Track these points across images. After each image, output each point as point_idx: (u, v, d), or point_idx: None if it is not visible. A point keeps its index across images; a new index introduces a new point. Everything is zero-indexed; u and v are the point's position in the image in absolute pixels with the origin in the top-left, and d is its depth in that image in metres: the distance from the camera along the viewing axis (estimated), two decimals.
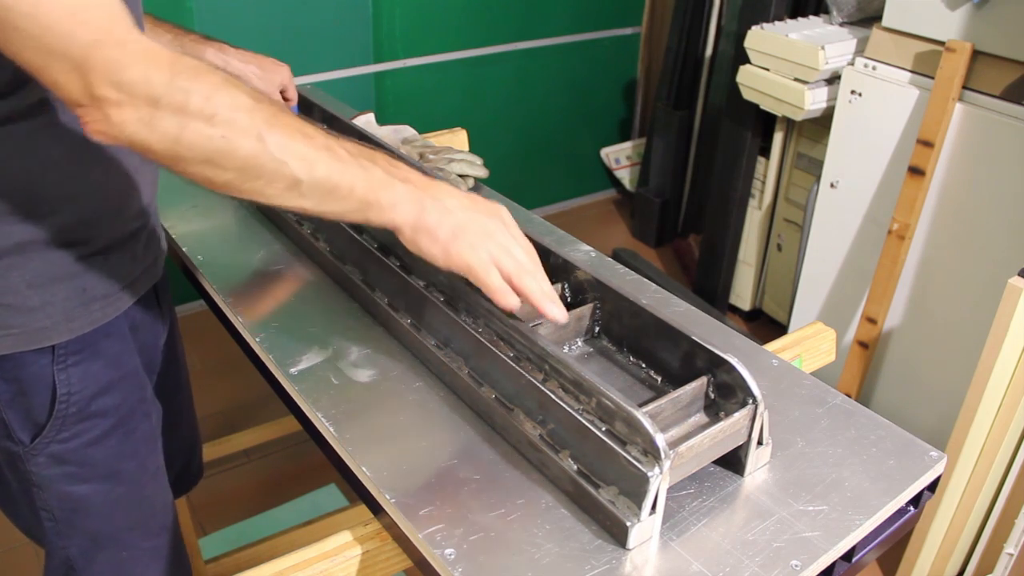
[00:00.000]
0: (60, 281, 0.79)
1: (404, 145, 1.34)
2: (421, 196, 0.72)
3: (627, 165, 3.18)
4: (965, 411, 1.35)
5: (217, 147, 0.62)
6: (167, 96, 0.60)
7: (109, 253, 0.83)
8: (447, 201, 0.73)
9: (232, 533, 1.72)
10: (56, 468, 0.85)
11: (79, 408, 0.83)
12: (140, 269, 0.88)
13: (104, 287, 0.83)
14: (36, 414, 0.82)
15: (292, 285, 1.03)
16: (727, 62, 2.34)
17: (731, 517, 0.71)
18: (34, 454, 0.83)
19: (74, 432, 0.84)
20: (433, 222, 0.71)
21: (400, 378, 0.86)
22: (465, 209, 0.73)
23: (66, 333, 0.80)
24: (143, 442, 0.92)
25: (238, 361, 1.04)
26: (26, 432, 0.82)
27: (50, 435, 0.83)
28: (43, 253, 0.77)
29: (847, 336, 1.93)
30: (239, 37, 2.05)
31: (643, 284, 1.06)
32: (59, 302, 0.79)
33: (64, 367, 0.81)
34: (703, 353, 0.76)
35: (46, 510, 0.87)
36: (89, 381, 0.84)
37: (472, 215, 0.73)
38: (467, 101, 2.73)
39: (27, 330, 0.78)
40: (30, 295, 0.77)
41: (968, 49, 1.54)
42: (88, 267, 0.81)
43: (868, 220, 1.86)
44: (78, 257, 0.79)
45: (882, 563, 1.68)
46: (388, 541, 0.75)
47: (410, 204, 0.71)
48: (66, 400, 0.82)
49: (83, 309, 0.81)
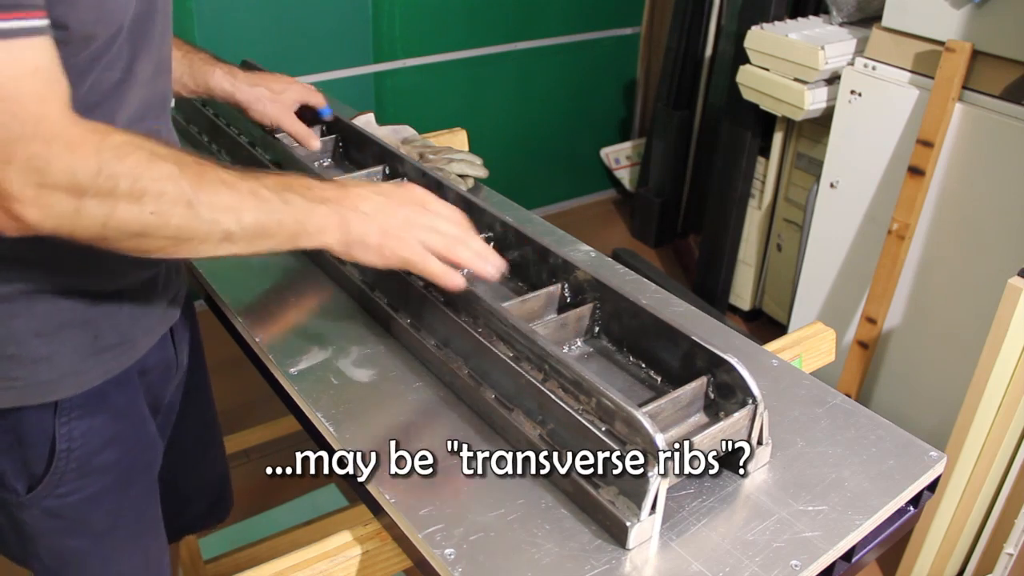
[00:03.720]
0: (69, 328, 0.74)
1: (404, 145, 1.34)
2: (341, 211, 0.73)
3: (627, 165, 3.18)
4: (965, 411, 1.35)
5: (147, 222, 0.62)
6: (94, 186, 0.59)
7: (123, 299, 0.78)
8: (364, 207, 0.74)
9: (232, 533, 1.71)
10: (50, 521, 0.80)
11: (79, 464, 0.78)
12: (156, 313, 0.83)
13: (116, 335, 0.78)
14: (33, 466, 0.77)
15: (292, 285, 1.03)
16: (727, 62, 2.34)
17: (731, 517, 0.71)
18: (28, 506, 0.78)
19: (72, 488, 0.79)
20: (359, 233, 0.73)
21: (400, 378, 0.86)
22: (382, 209, 0.74)
23: (73, 387, 0.75)
24: (143, 495, 0.88)
25: (238, 361, 1.04)
26: (21, 482, 0.77)
27: (47, 489, 0.78)
28: (51, 300, 0.72)
29: (847, 336, 1.93)
30: (239, 37, 2.05)
31: (643, 284, 1.06)
32: (67, 352, 0.74)
33: (67, 420, 0.76)
34: (703, 353, 0.76)
35: (37, 560, 0.83)
36: (92, 436, 0.79)
37: (390, 211, 0.75)
38: (467, 101, 2.73)
39: (31, 383, 0.73)
40: (37, 345, 0.72)
41: (968, 49, 1.54)
42: (100, 314, 0.76)
43: (868, 220, 1.86)
44: (89, 303, 0.74)
45: (882, 563, 1.67)
46: (388, 541, 0.75)
47: (334, 224, 0.72)
48: (66, 456, 0.77)
49: (94, 360, 0.76)
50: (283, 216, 0.69)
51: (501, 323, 0.79)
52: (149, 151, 0.62)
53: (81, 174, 0.58)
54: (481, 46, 2.66)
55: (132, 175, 0.60)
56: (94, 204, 0.59)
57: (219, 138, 1.28)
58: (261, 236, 0.68)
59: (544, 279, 0.93)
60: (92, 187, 0.59)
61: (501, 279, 0.98)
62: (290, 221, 0.70)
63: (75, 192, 0.58)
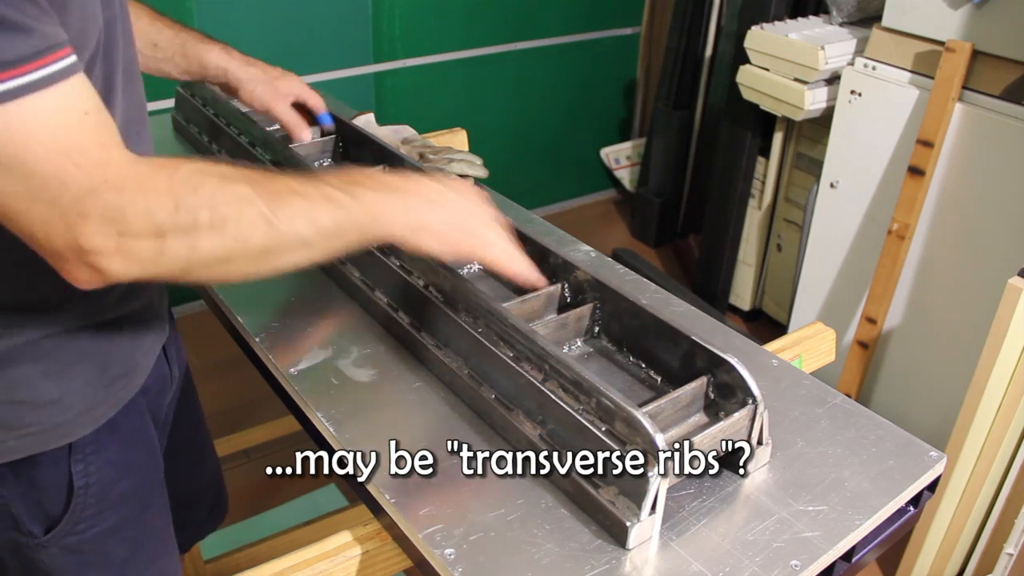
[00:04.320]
0: (77, 365, 0.73)
1: (404, 145, 1.34)
2: (408, 199, 0.72)
3: (627, 165, 3.18)
4: (965, 411, 1.35)
5: (231, 248, 0.61)
6: (174, 224, 0.57)
7: (123, 326, 0.77)
8: (430, 195, 0.74)
9: (232, 533, 1.71)
10: (69, 558, 0.78)
11: (98, 499, 0.77)
12: (153, 332, 0.83)
13: (122, 363, 0.77)
14: (50, 508, 0.75)
15: (292, 285, 1.03)
16: (727, 62, 2.34)
17: (731, 517, 0.71)
18: (46, 546, 0.76)
19: (92, 523, 0.78)
20: (428, 221, 0.72)
21: (400, 378, 0.86)
22: (448, 198, 0.74)
23: (89, 424, 0.74)
24: (158, 515, 0.87)
25: (238, 361, 1.04)
26: (37, 525, 0.76)
27: (66, 527, 0.76)
28: (56, 339, 0.71)
29: (847, 336, 1.93)
30: (239, 37, 2.06)
31: (643, 284, 1.06)
32: (78, 389, 0.73)
33: (82, 457, 0.75)
34: (703, 353, 0.76)
35: None
36: (107, 468, 0.78)
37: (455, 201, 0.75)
38: (467, 101, 2.73)
39: (46, 427, 0.71)
40: (46, 387, 0.70)
41: (968, 49, 1.54)
42: (105, 344, 0.75)
43: (868, 220, 1.86)
44: (93, 336, 0.73)
45: (882, 563, 1.67)
46: (388, 541, 0.75)
47: (401, 212, 0.71)
48: (84, 492, 0.76)
49: (104, 392, 0.75)
50: (355, 213, 0.68)
51: (501, 323, 0.79)
52: (219, 175, 0.60)
53: (160, 215, 0.57)
54: (481, 46, 2.66)
55: (209, 205, 0.59)
56: (176, 242, 0.58)
57: (219, 138, 1.28)
58: (337, 236, 0.67)
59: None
60: (172, 225, 0.57)
61: (501, 279, 0.99)
62: (361, 215, 0.69)
63: (157, 234, 0.57)
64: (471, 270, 1.02)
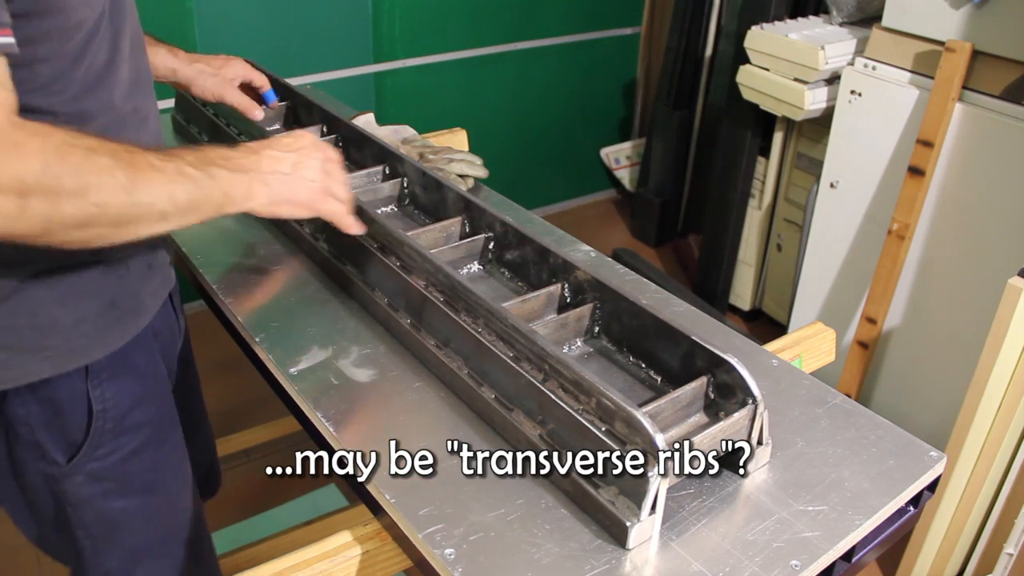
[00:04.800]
0: (88, 298, 0.79)
1: (404, 145, 1.34)
2: (262, 177, 0.80)
3: (627, 165, 3.18)
4: (965, 411, 1.35)
5: (90, 213, 0.65)
6: (38, 186, 0.61)
7: (129, 264, 0.83)
8: (282, 168, 0.82)
9: (232, 533, 1.71)
10: (94, 486, 0.85)
11: (115, 424, 0.84)
12: (158, 277, 0.89)
13: (130, 300, 0.83)
14: (72, 434, 0.82)
15: (292, 285, 1.03)
16: (727, 62, 2.34)
17: (731, 517, 0.71)
18: (70, 474, 0.83)
19: (111, 448, 0.84)
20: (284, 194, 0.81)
21: (400, 378, 0.86)
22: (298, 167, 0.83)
23: (102, 349, 0.81)
24: (175, 450, 0.93)
25: (238, 361, 1.04)
26: (61, 453, 0.82)
27: (88, 453, 0.83)
28: (69, 273, 0.77)
29: (847, 336, 1.93)
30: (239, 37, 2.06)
31: (643, 284, 1.06)
32: (92, 318, 0.79)
33: (99, 383, 0.82)
34: (703, 353, 0.76)
35: (83, 528, 0.87)
36: (123, 395, 0.84)
37: (305, 167, 0.84)
38: (467, 101, 2.73)
39: (63, 351, 0.78)
40: (63, 314, 0.77)
41: (968, 49, 1.54)
42: (112, 280, 0.81)
43: (868, 220, 1.86)
44: (102, 272, 0.80)
45: (882, 563, 1.67)
46: (388, 541, 0.75)
47: (258, 189, 0.79)
48: (102, 416, 0.82)
49: (115, 323, 0.82)
50: (210, 190, 0.74)
51: (501, 323, 0.79)
52: (86, 147, 0.65)
53: (27, 176, 0.61)
54: (481, 46, 2.66)
55: (74, 172, 0.63)
56: (38, 202, 0.62)
57: (219, 138, 1.28)
58: (192, 210, 0.73)
59: (544, 279, 0.93)
60: (36, 186, 0.61)
61: (501, 280, 0.98)
62: (217, 193, 0.75)
63: (20, 193, 0.61)
64: (471, 270, 1.02)
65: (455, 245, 1.00)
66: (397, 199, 1.16)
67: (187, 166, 0.73)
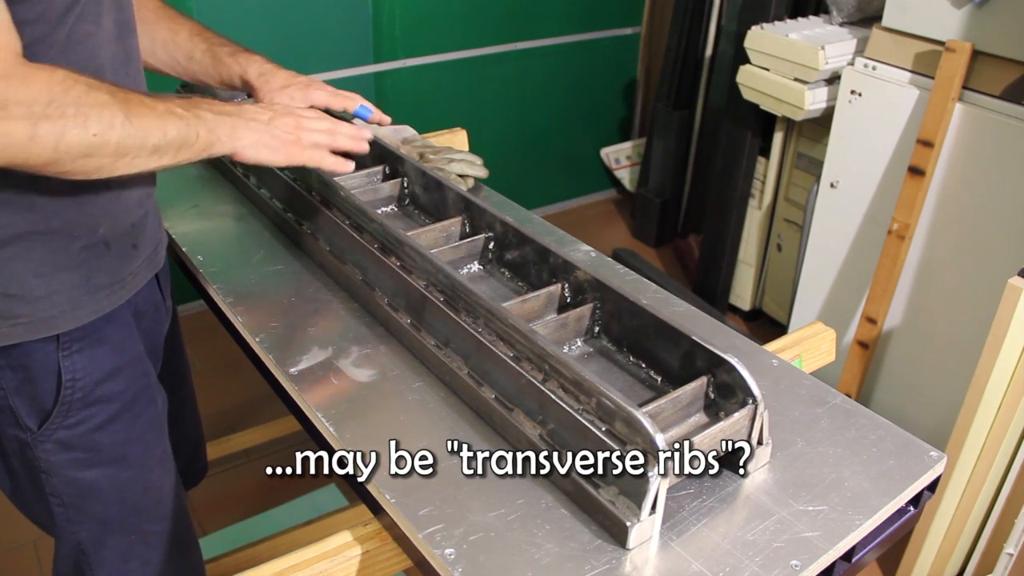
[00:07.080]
0: (64, 271, 0.81)
1: (404, 145, 1.34)
2: (244, 122, 0.87)
3: (627, 165, 3.18)
4: (965, 411, 1.35)
5: (92, 143, 0.71)
6: (45, 115, 0.67)
7: (111, 243, 0.85)
8: (262, 117, 0.89)
9: (232, 533, 1.71)
10: (63, 454, 0.86)
11: (84, 394, 0.85)
12: (142, 258, 0.90)
13: (107, 276, 0.85)
14: (42, 400, 0.84)
15: (292, 285, 1.03)
16: (727, 62, 2.34)
17: (731, 517, 0.71)
18: (41, 440, 0.85)
19: (80, 418, 0.86)
20: (264, 138, 0.88)
21: (400, 378, 0.86)
22: (274, 119, 0.90)
23: (72, 321, 0.83)
24: (149, 427, 0.94)
25: (238, 361, 1.04)
26: (33, 419, 0.84)
27: (57, 421, 0.85)
28: (46, 244, 0.79)
29: (847, 336, 1.93)
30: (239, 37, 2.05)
31: (643, 284, 1.06)
32: (64, 291, 0.81)
33: (69, 353, 0.84)
34: (703, 353, 0.76)
35: (55, 496, 0.89)
36: (94, 367, 0.86)
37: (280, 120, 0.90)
38: (467, 101, 2.73)
39: (34, 319, 0.80)
40: (36, 285, 0.79)
41: (968, 49, 1.54)
42: (91, 257, 0.83)
43: (868, 220, 1.86)
44: (81, 247, 0.82)
45: (882, 563, 1.67)
46: (388, 541, 0.75)
47: (241, 131, 0.86)
48: (71, 386, 0.84)
49: (88, 298, 0.83)
50: (199, 128, 0.81)
51: (501, 323, 0.79)
52: (86, 83, 0.71)
53: (35, 106, 0.67)
54: (481, 46, 2.66)
55: (76, 104, 0.69)
56: (46, 129, 0.67)
57: None
58: (183, 147, 0.80)
59: (544, 279, 0.93)
60: (44, 115, 0.67)
61: (501, 280, 0.98)
62: (204, 132, 0.82)
63: (31, 118, 0.66)
64: (471, 270, 1.02)
65: (455, 245, 1.00)
66: (397, 199, 1.16)
67: (176, 107, 0.79)
